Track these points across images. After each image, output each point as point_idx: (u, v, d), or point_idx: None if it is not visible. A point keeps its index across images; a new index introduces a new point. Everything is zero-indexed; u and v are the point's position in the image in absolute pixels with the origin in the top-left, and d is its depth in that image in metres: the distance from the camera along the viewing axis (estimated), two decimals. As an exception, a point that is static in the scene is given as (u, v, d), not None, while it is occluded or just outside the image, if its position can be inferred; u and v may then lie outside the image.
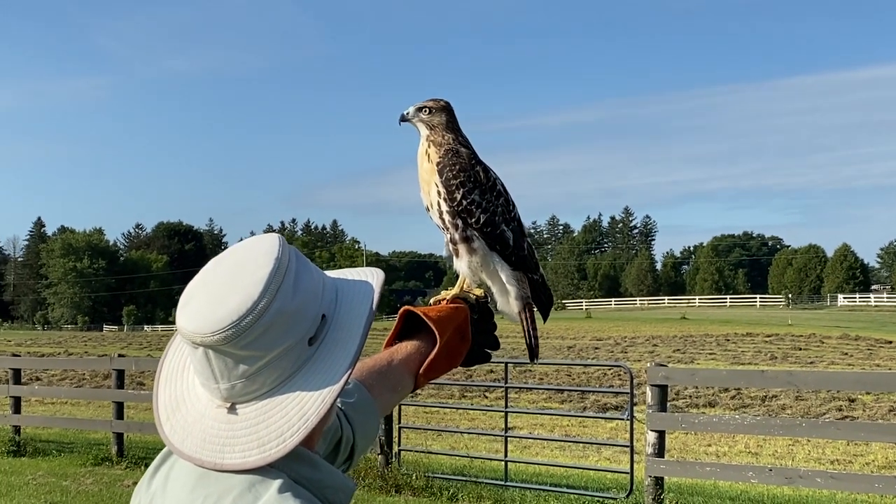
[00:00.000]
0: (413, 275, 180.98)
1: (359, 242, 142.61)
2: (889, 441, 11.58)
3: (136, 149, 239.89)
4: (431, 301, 1.93)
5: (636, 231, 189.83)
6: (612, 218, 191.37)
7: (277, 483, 1.31)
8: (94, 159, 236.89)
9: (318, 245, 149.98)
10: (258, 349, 1.31)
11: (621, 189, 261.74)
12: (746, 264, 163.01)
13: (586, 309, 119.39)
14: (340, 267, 1.75)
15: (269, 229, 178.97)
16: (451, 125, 1.96)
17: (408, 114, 1.98)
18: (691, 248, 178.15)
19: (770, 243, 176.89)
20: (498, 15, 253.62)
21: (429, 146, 1.95)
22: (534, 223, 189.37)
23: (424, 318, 1.79)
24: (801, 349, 42.13)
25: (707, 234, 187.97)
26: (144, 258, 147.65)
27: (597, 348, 44.73)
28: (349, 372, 1.37)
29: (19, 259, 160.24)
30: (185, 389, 1.40)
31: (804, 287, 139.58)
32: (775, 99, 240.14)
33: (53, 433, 16.02)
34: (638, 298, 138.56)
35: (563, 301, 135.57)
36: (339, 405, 1.66)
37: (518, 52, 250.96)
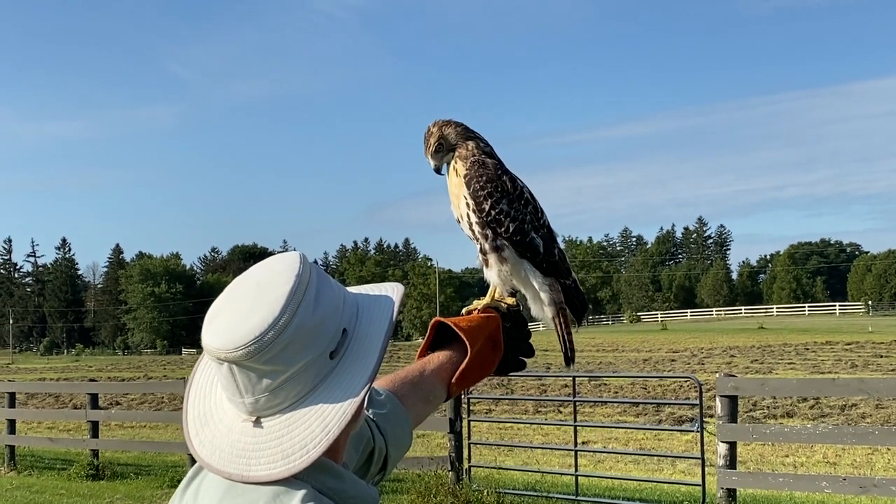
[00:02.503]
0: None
1: (431, 260, 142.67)
2: None
3: (210, 173, 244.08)
4: (463, 311, 1.92)
5: (711, 241, 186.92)
6: (686, 228, 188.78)
7: (301, 493, 1.32)
8: (169, 185, 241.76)
9: (391, 264, 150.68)
10: (280, 364, 1.32)
11: (694, 199, 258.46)
12: (825, 272, 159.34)
13: (662, 321, 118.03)
14: (413, 285, 1.80)
15: (342, 249, 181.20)
16: (465, 133, 1.96)
17: (435, 167, 2.00)
18: (767, 257, 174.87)
19: (848, 250, 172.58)
20: (559, 30, 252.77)
21: (455, 161, 1.95)
22: (606, 235, 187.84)
23: (455, 328, 1.78)
24: (882, 356, 41.06)
25: (783, 243, 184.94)
26: (221, 281, 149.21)
27: (673, 360, 44.15)
28: (369, 384, 1.37)
29: (99, 286, 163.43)
30: (213, 405, 1.42)
31: (885, 293, 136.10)
32: (850, 104, 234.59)
33: (131, 456, 16.09)
34: (714, 309, 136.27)
35: (638, 313, 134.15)
36: (372, 416, 1.68)
37: (580, 64, 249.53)
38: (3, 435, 16.12)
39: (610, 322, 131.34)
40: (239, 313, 1.34)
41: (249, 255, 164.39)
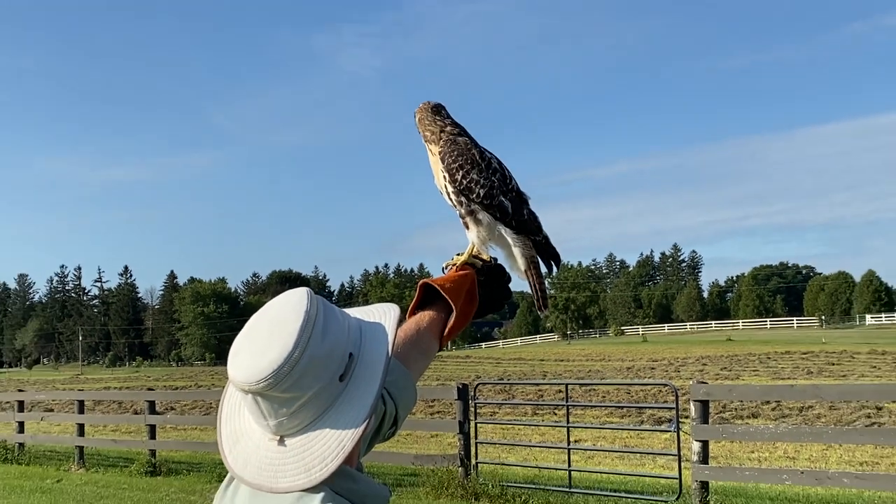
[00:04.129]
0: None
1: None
2: None
3: (251, 209, 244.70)
4: (443, 265, 1.93)
5: (684, 264, 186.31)
6: (663, 253, 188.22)
7: (320, 496, 1.33)
8: (216, 219, 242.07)
9: (408, 286, 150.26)
10: (296, 391, 1.33)
11: (670, 228, 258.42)
12: (783, 291, 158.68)
13: (642, 334, 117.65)
14: None
15: (366, 273, 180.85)
16: (434, 120, 1.97)
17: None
18: (734, 278, 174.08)
19: (804, 271, 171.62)
20: (555, 86, 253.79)
21: (431, 143, 1.96)
22: (594, 260, 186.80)
23: (441, 290, 1.79)
24: (833, 364, 40.93)
25: (747, 266, 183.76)
26: (260, 302, 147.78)
27: (652, 368, 44.01)
28: (375, 402, 1.38)
29: (156, 306, 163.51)
30: (242, 425, 1.42)
31: (836, 309, 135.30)
32: (802, 146, 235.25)
33: (184, 455, 16.07)
34: (688, 323, 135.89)
35: (622, 327, 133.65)
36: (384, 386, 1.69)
37: (572, 116, 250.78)
38: (74, 437, 16.12)
39: (597, 335, 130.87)
40: (257, 350, 1.35)
41: (285, 279, 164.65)
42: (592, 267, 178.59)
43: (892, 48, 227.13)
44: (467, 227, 1.94)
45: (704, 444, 9.35)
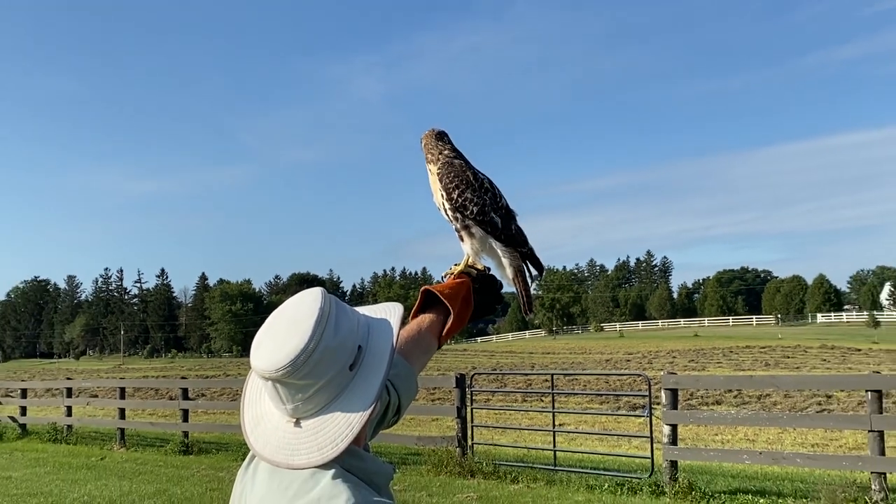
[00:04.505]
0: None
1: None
2: (853, 428, 10.90)
3: (273, 217, 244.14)
4: (443, 274, 1.94)
5: (656, 268, 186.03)
6: (638, 259, 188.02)
7: (332, 472, 1.35)
8: (241, 226, 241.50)
9: (412, 287, 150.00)
10: (311, 379, 1.35)
11: (644, 236, 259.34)
12: (744, 292, 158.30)
13: (619, 330, 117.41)
14: None
15: (374, 275, 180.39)
16: (437, 144, 1.99)
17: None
18: (700, 281, 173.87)
19: (762, 275, 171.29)
20: (544, 107, 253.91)
21: (431, 163, 1.98)
22: (577, 265, 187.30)
23: (440, 296, 1.81)
24: (788, 357, 40.89)
25: (712, 270, 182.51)
26: (281, 300, 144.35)
27: (628, 360, 43.85)
28: (380, 389, 1.39)
29: (189, 304, 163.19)
30: (262, 409, 1.43)
31: (790, 308, 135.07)
32: (763, 163, 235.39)
33: (213, 436, 15.99)
34: (660, 321, 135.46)
35: (602, 324, 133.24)
36: (389, 378, 1.66)
37: (557, 136, 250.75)
38: (116, 420, 16.11)
39: (580, 331, 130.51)
40: (277, 342, 1.36)
41: (304, 280, 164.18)
42: (575, 270, 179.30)
43: (842, 79, 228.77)
44: (462, 240, 1.95)
45: (674, 428, 9.34)
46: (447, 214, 1.95)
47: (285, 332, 1.38)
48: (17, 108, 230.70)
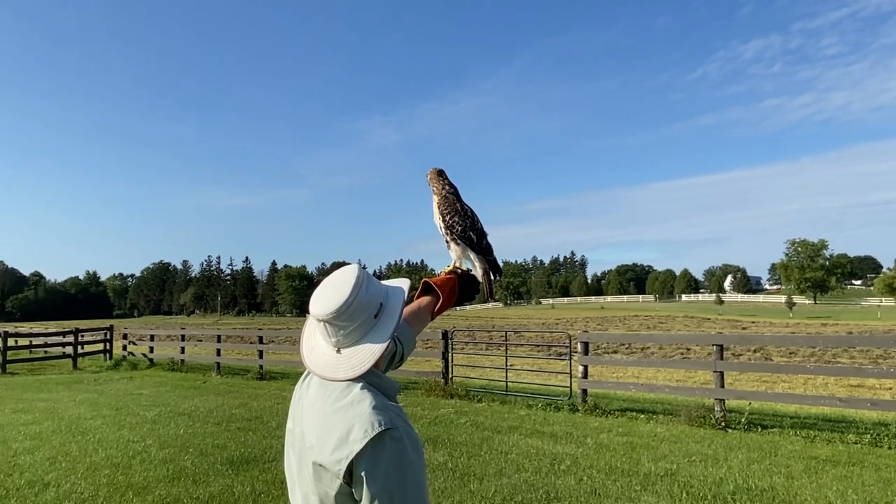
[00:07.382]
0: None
1: (436, 272, 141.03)
2: (704, 370, 10.80)
3: (321, 223, 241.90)
4: (438, 272, 1.92)
5: (577, 263, 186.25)
6: (565, 256, 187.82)
7: (360, 384, 1.36)
8: (300, 230, 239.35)
9: (414, 273, 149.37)
10: (350, 321, 1.36)
11: (570, 242, 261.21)
12: (634, 279, 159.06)
13: (552, 304, 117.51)
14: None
15: (389, 264, 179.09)
16: (439, 180, 1.95)
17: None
18: (606, 272, 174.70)
19: (647, 268, 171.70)
20: (524, 144, 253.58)
21: (434, 195, 1.95)
22: (524, 259, 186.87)
23: (434, 286, 1.80)
24: (662, 323, 41.08)
25: (614, 264, 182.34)
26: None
27: (557, 323, 43.90)
28: (394, 332, 1.40)
29: (264, 281, 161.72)
30: (315, 342, 1.44)
31: (664, 291, 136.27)
32: (650, 193, 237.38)
33: (279, 368, 15.67)
34: (579, 297, 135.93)
35: (540, 300, 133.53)
36: (396, 336, 1.65)
37: (516, 170, 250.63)
38: (213, 356, 15.94)
39: (525, 304, 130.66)
40: (328, 296, 1.37)
41: (340, 267, 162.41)
42: (523, 263, 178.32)
43: (701, 139, 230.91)
44: (449, 248, 1.94)
45: (585, 368, 9.34)
46: (441, 230, 1.94)
47: (333, 290, 1.39)
48: (149, 149, 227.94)
